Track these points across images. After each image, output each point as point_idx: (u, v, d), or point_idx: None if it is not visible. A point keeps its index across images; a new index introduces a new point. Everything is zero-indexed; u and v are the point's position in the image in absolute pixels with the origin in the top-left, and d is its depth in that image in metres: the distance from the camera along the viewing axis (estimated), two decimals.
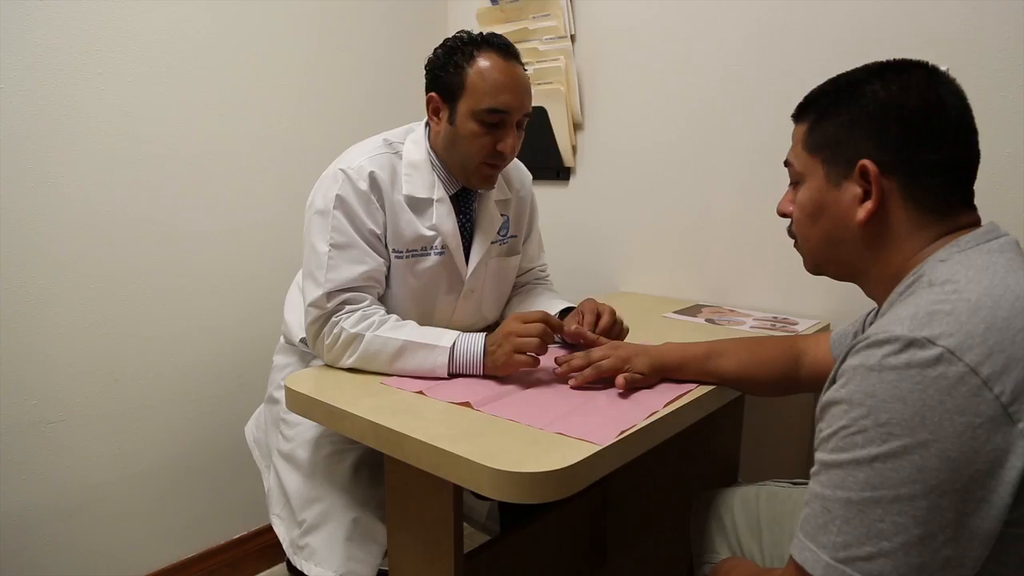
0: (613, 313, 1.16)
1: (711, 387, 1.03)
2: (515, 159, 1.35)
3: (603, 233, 1.82)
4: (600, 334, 1.12)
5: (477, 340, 1.05)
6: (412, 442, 0.88)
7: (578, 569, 1.34)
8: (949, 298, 0.61)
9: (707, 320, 1.46)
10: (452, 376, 1.06)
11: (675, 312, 1.53)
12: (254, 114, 1.67)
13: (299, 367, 1.30)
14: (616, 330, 1.15)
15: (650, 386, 1.02)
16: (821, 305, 1.47)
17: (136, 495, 1.57)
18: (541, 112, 1.79)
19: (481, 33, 1.11)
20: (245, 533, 1.76)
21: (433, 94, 1.12)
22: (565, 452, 0.82)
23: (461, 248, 1.20)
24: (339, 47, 1.82)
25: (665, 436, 0.95)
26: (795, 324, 1.40)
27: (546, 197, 1.90)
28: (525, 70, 1.13)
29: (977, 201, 0.74)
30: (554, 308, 1.24)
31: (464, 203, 1.22)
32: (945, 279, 0.64)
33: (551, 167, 1.84)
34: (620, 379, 0.99)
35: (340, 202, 1.10)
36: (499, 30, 1.81)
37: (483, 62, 1.07)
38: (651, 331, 1.35)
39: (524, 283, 1.40)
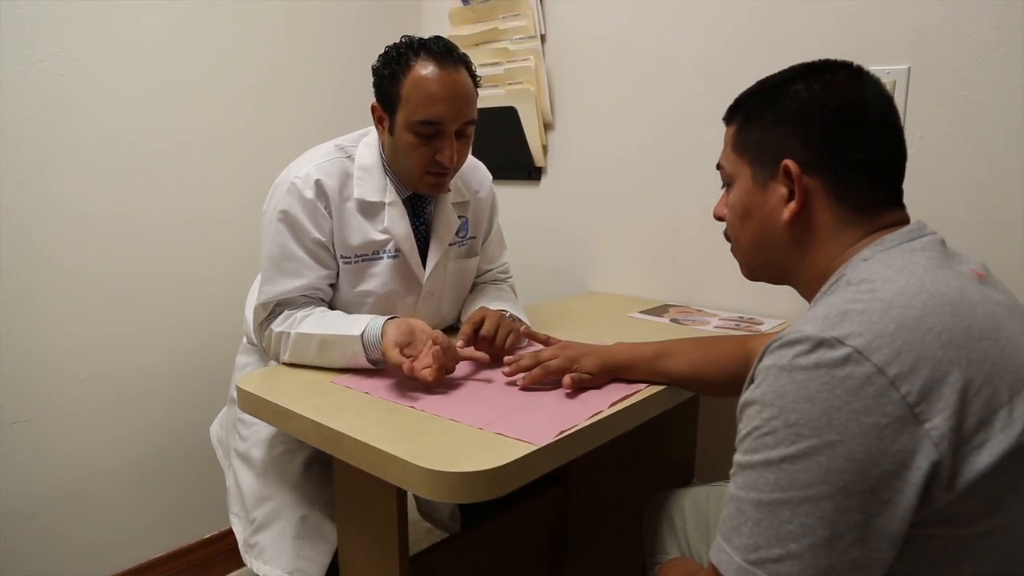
0: (498, 319, 1.12)
1: (661, 387, 1.03)
2: (475, 160, 1.35)
3: (574, 233, 1.82)
4: (483, 339, 1.09)
5: (379, 325, 1.05)
6: (351, 442, 0.88)
7: (539, 569, 1.34)
8: (863, 297, 0.61)
9: (672, 320, 1.46)
10: (374, 363, 1.06)
11: (641, 312, 1.52)
12: (222, 109, 1.67)
13: (259, 367, 1.30)
14: (502, 335, 1.11)
15: (599, 386, 1.02)
16: (788, 305, 1.46)
17: (103, 495, 1.57)
18: (511, 112, 1.79)
19: (421, 39, 1.09)
20: (215, 533, 1.76)
21: (375, 103, 1.13)
22: (500, 452, 0.81)
23: (416, 251, 1.20)
24: (311, 44, 1.82)
25: (610, 436, 0.94)
26: (760, 324, 1.40)
27: (517, 197, 1.90)
28: (472, 75, 1.12)
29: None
30: (493, 307, 1.23)
31: (419, 206, 1.22)
32: (863, 278, 0.64)
33: (522, 167, 1.84)
34: (567, 379, 0.99)
35: (283, 215, 1.12)
36: (470, 30, 1.81)
37: (418, 71, 1.05)
38: (614, 331, 1.35)
39: (480, 283, 1.40)
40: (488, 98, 1.83)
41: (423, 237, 1.23)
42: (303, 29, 1.80)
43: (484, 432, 0.87)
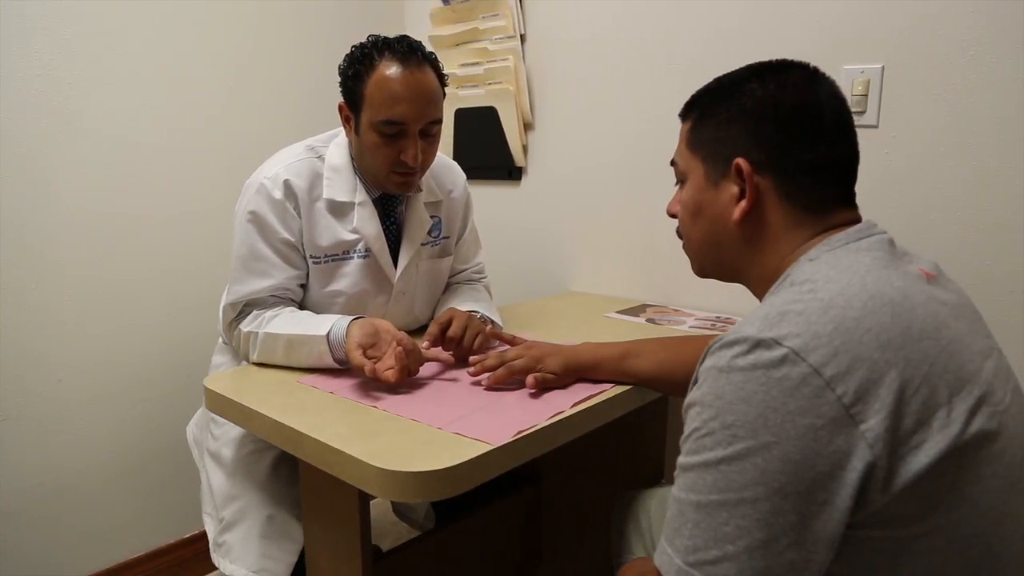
0: (466, 320, 1.12)
1: (627, 388, 1.03)
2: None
3: (554, 233, 1.82)
4: (450, 340, 1.09)
5: (344, 326, 1.04)
6: (310, 441, 0.88)
7: (513, 569, 1.34)
8: (804, 298, 0.61)
9: (648, 320, 1.45)
10: (340, 362, 1.06)
11: (619, 312, 1.52)
12: (201, 107, 1.67)
13: (233, 366, 1.30)
14: (469, 336, 1.11)
15: (564, 386, 1.02)
16: None
17: (81, 494, 1.57)
18: (492, 112, 1.79)
19: (386, 38, 1.09)
20: (195, 533, 1.76)
21: (342, 103, 1.13)
22: (456, 452, 0.81)
23: (387, 251, 1.20)
24: (294, 44, 1.82)
25: (571, 437, 0.94)
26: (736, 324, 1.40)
27: (497, 197, 1.90)
28: (439, 74, 1.12)
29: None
30: (464, 307, 1.23)
31: (389, 206, 1.22)
32: (805, 279, 0.64)
33: (502, 167, 1.84)
34: (530, 378, 0.99)
35: (252, 215, 1.13)
36: (450, 30, 1.82)
37: (382, 71, 1.06)
38: (589, 330, 1.35)
39: (454, 283, 1.40)
40: (468, 98, 1.83)
41: (394, 237, 1.23)
42: (287, 29, 1.80)
43: (443, 432, 0.87)
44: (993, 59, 1.16)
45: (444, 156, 1.35)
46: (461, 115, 1.87)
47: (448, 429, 0.88)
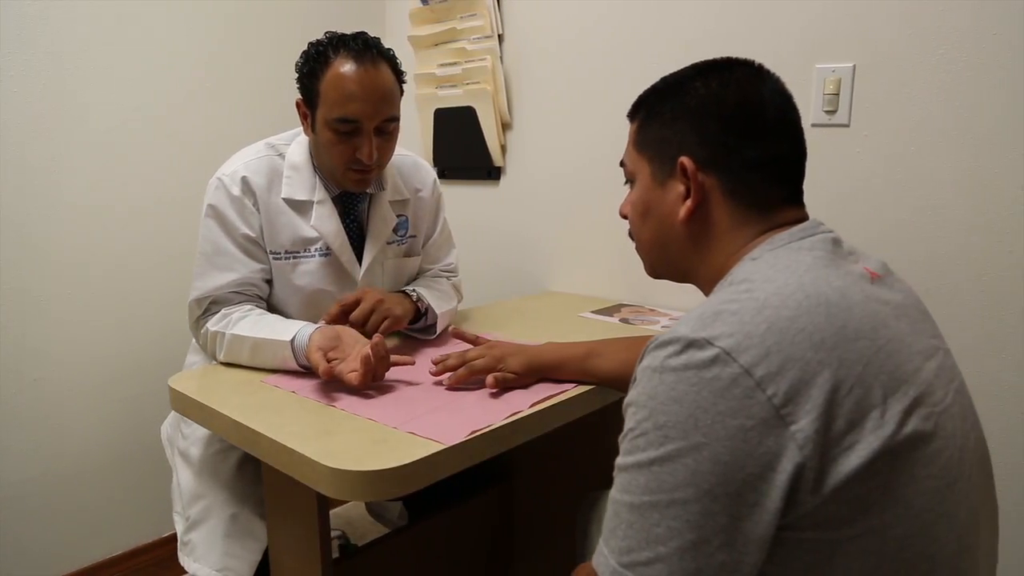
0: (373, 303, 1.10)
1: (589, 388, 1.02)
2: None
3: (533, 232, 1.82)
4: (352, 325, 1.08)
5: (308, 332, 1.04)
6: (266, 440, 0.88)
7: (484, 568, 1.34)
8: (740, 297, 0.60)
9: (622, 320, 1.45)
10: (305, 368, 1.06)
11: (593, 312, 1.52)
12: (179, 105, 1.67)
13: (205, 365, 1.30)
14: (375, 320, 1.10)
15: (525, 386, 1.02)
16: None
17: (58, 494, 1.57)
18: (470, 112, 1.79)
19: (342, 35, 1.10)
20: (173, 532, 1.75)
21: (299, 100, 1.13)
22: (407, 451, 0.81)
23: (349, 249, 1.20)
24: (277, 44, 1.82)
25: (529, 437, 0.94)
26: None
27: (476, 197, 1.90)
28: (396, 71, 1.12)
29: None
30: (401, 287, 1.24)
31: (351, 203, 1.22)
32: (744, 278, 0.64)
33: (481, 167, 1.84)
34: (490, 378, 0.99)
35: (212, 210, 1.14)
36: (429, 30, 1.82)
37: (336, 69, 1.06)
38: (561, 330, 1.35)
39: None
40: (447, 98, 1.83)
41: (357, 235, 1.23)
42: (270, 28, 1.80)
43: (397, 431, 0.87)
44: (963, 58, 1.16)
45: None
46: (440, 115, 1.87)
47: (403, 428, 0.88)
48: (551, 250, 1.79)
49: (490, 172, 1.84)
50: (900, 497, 0.57)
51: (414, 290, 1.24)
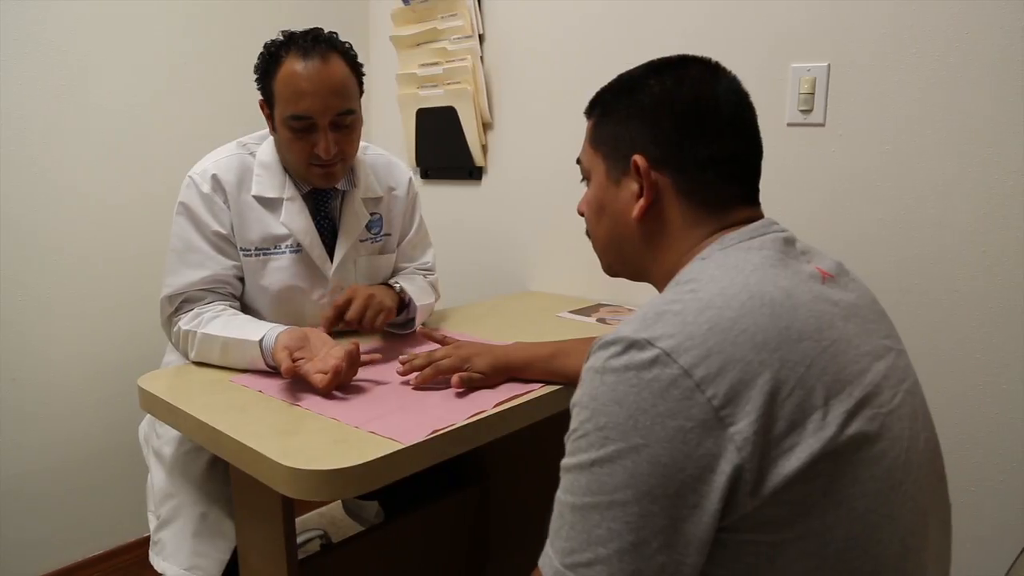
0: (365, 300, 1.11)
1: (556, 387, 1.02)
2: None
3: (514, 232, 1.82)
4: (348, 325, 1.10)
5: (276, 333, 1.04)
6: (228, 440, 0.88)
7: (461, 566, 1.34)
8: (683, 298, 0.60)
9: (599, 320, 1.45)
10: (273, 368, 1.06)
11: (571, 311, 1.52)
12: (162, 103, 1.68)
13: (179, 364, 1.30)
14: (370, 316, 1.11)
15: (492, 386, 1.02)
16: None
17: (36, 494, 1.57)
18: (451, 112, 1.79)
19: (294, 33, 1.11)
20: None
21: (260, 101, 1.14)
22: (365, 450, 0.82)
23: (320, 245, 1.21)
24: (258, 42, 1.81)
25: (492, 437, 0.94)
26: None
27: (458, 196, 1.90)
28: (351, 64, 1.12)
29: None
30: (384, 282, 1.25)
31: (322, 201, 1.23)
32: (690, 278, 0.64)
33: (463, 167, 1.84)
34: (455, 378, 0.99)
35: (183, 208, 1.15)
36: (411, 30, 1.82)
37: (287, 67, 1.07)
38: (536, 330, 1.35)
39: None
40: (429, 98, 1.84)
41: (329, 232, 1.24)
42: (255, 29, 1.79)
43: (359, 431, 0.87)
44: (936, 57, 1.16)
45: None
46: (422, 115, 1.87)
47: (364, 428, 0.88)
48: (532, 250, 1.79)
49: (471, 172, 1.84)
50: (842, 499, 0.57)
51: (396, 282, 1.25)
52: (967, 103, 1.13)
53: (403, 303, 1.24)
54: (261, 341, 1.04)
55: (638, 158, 0.70)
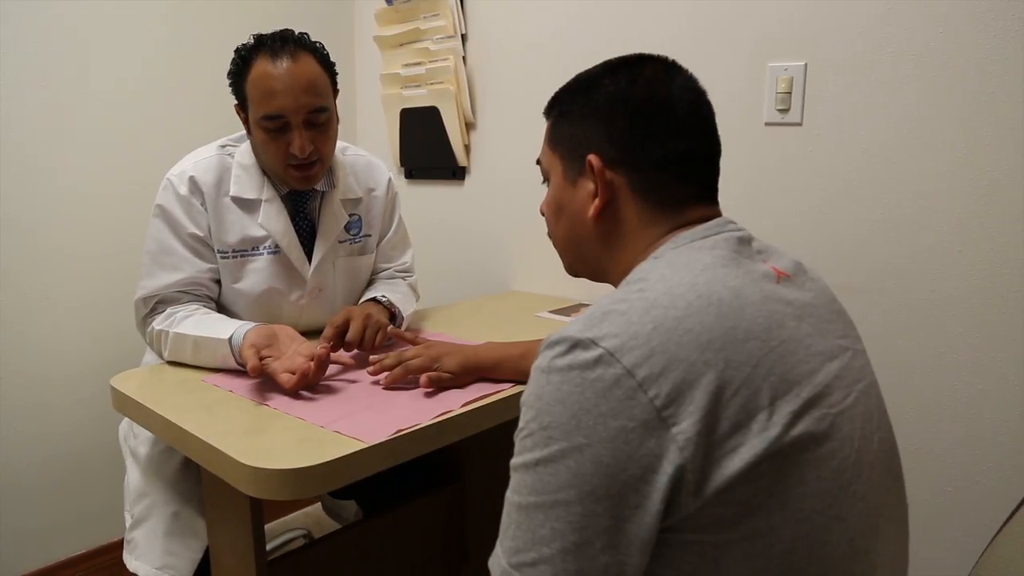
0: (364, 320, 1.12)
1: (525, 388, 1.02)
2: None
3: (497, 232, 1.82)
4: (349, 345, 1.10)
5: (245, 331, 1.05)
6: (193, 439, 0.88)
7: (439, 566, 1.34)
8: (630, 297, 0.60)
9: None
10: (242, 366, 1.06)
11: (551, 311, 1.52)
12: (147, 101, 1.68)
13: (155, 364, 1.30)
14: (370, 335, 1.12)
15: (462, 386, 1.02)
16: None
17: (19, 492, 1.58)
18: (434, 112, 1.79)
19: (262, 35, 1.11)
20: None
21: (236, 105, 1.15)
22: (328, 450, 0.82)
23: (298, 246, 1.21)
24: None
25: (459, 437, 0.94)
26: None
27: (441, 197, 1.90)
28: (323, 62, 1.12)
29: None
30: (371, 295, 1.25)
31: (301, 202, 1.23)
32: (640, 277, 0.63)
33: (446, 167, 1.84)
34: (424, 378, 0.99)
35: (160, 210, 1.15)
36: (394, 30, 1.82)
37: (257, 69, 1.08)
38: (514, 330, 1.35)
39: (374, 279, 1.40)
40: (412, 98, 1.84)
41: (308, 234, 1.24)
42: (243, 29, 1.79)
43: (324, 430, 0.88)
44: (912, 55, 1.15)
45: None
46: (406, 115, 1.87)
47: (330, 427, 0.88)
48: (515, 249, 1.79)
49: (455, 172, 1.84)
50: (788, 500, 0.56)
51: (384, 296, 1.25)
52: (943, 103, 1.13)
53: (391, 315, 1.24)
54: (231, 339, 1.04)
55: (592, 158, 0.70)
